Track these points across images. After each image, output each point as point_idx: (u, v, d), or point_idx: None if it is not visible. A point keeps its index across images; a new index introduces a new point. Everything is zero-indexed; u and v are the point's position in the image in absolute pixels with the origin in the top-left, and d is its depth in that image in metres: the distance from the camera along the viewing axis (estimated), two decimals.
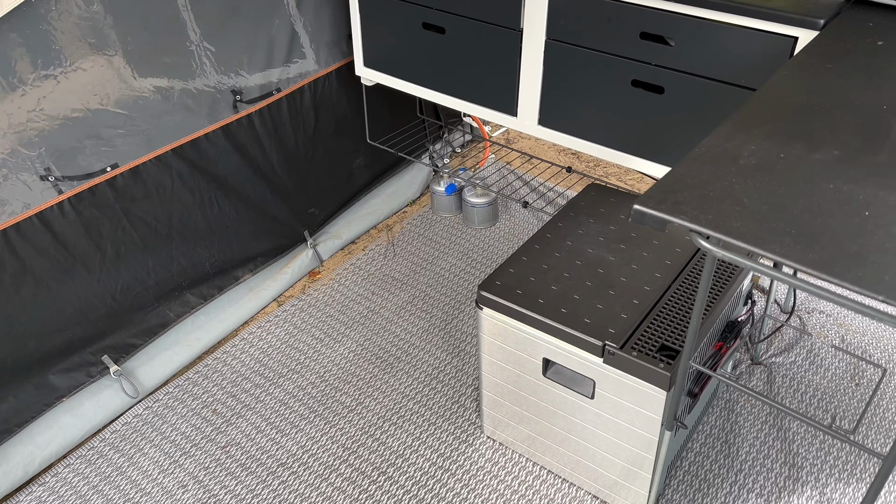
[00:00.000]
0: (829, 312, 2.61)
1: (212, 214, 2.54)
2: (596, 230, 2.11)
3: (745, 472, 2.10)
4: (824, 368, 2.41)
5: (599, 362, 1.78)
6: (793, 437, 2.18)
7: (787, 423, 2.23)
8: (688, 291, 1.89)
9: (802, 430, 2.20)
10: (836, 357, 2.44)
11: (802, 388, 2.34)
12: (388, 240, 3.09)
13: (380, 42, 2.67)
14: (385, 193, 3.24)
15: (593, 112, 2.24)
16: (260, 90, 2.59)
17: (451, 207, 3.20)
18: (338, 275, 2.91)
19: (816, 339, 2.51)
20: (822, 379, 2.37)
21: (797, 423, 2.22)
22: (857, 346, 2.48)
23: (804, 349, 2.47)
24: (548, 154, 3.61)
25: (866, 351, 2.46)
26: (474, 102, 2.53)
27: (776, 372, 2.39)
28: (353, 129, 3.02)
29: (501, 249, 2.99)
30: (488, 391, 2.13)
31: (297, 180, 2.83)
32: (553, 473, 2.13)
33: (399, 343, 2.58)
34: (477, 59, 2.42)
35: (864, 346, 2.48)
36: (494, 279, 1.95)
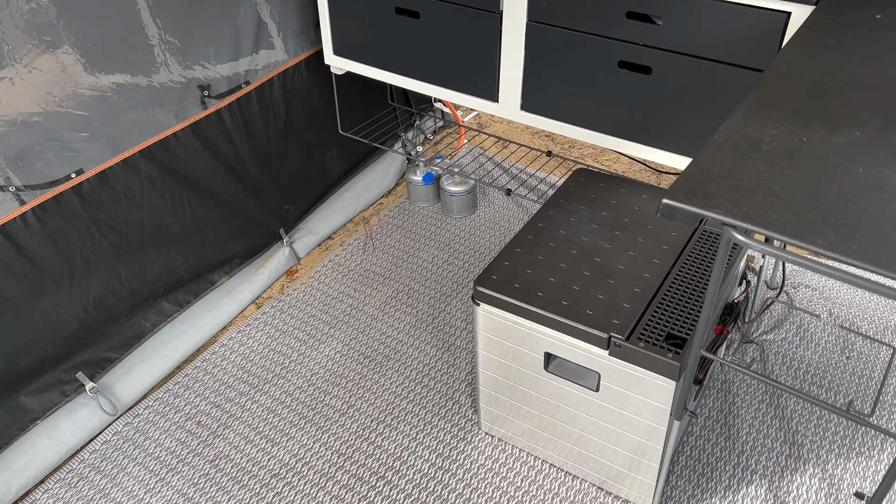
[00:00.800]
0: (814, 286, 2.61)
1: (184, 217, 2.42)
2: (588, 217, 2.06)
3: (746, 453, 2.09)
4: (815, 343, 2.41)
5: (604, 355, 1.73)
6: (790, 415, 2.18)
7: (784, 401, 2.22)
8: (688, 276, 1.85)
9: (800, 407, 2.20)
10: (826, 331, 2.45)
11: (795, 364, 2.34)
12: (365, 233, 3.00)
13: (350, 29, 2.56)
14: (359, 185, 3.15)
15: (579, 95, 2.18)
16: (228, 84, 2.47)
17: (429, 197, 3.12)
18: (316, 272, 2.82)
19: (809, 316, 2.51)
20: (812, 354, 2.38)
21: (794, 401, 2.22)
22: (844, 319, 2.48)
23: (794, 325, 2.47)
24: (522, 137, 3.55)
25: (854, 323, 2.47)
26: (453, 89, 2.45)
27: (768, 349, 2.39)
28: (325, 120, 2.91)
29: (483, 238, 2.93)
30: (485, 387, 2.08)
31: (270, 176, 2.72)
32: (555, 467, 2.09)
33: (386, 341, 2.51)
34: (454, 44, 2.34)
35: (851, 318, 2.49)
36: (490, 273, 1.89)
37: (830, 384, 2.27)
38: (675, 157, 2.11)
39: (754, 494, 1.99)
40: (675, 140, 2.08)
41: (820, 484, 2.00)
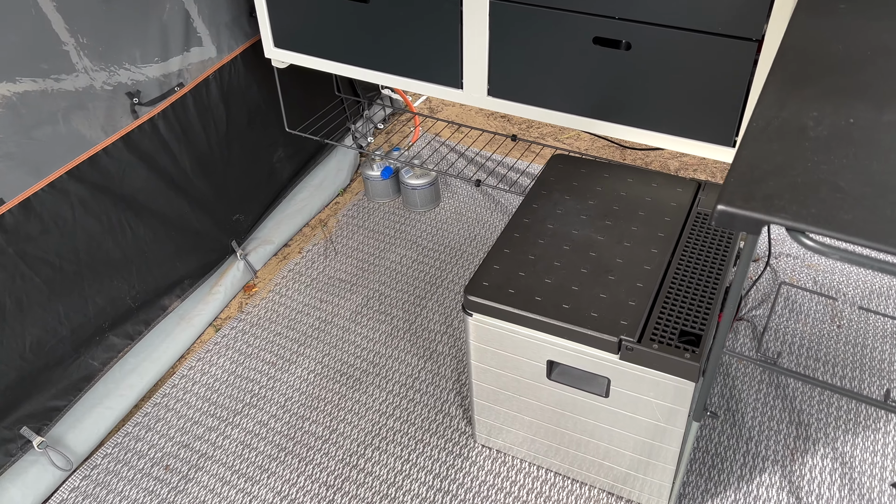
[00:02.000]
0: (795, 255, 2.55)
1: (125, 240, 2.18)
2: (575, 208, 1.92)
3: (755, 439, 2.01)
4: (804, 315, 2.35)
5: (615, 359, 1.60)
6: (794, 395, 2.11)
7: (784, 380, 2.15)
8: (690, 264, 1.74)
9: (801, 384, 2.13)
10: (813, 300, 2.39)
11: (789, 338, 2.27)
12: (324, 237, 2.80)
13: (291, 18, 2.34)
14: (312, 185, 2.93)
15: (551, 77, 2.03)
16: (160, 88, 2.22)
17: (388, 192, 2.93)
18: (276, 285, 2.60)
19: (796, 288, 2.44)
20: (804, 326, 2.31)
21: (794, 379, 2.15)
22: (830, 286, 2.43)
23: (781, 297, 2.40)
24: (477, 120, 3.39)
25: (840, 290, 2.42)
26: (411, 77, 2.26)
27: (759, 325, 2.31)
28: (269, 118, 2.68)
29: (452, 232, 2.76)
30: (480, 399, 1.93)
31: (215, 186, 2.49)
32: (560, 475, 1.96)
33: (362, 354, 2.33)
34: (410, 28, 2.15)
35: (836, 284, 2.44)
36: (480, 280, 1.73)
37: (827, 356, 2.21)
38: (658, 135, 1.99)
39: (769, 482, 1.91)
40: (657, 118, 1.96)
41: (833, 464, 1.94)
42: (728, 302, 1.39)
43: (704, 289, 1.67)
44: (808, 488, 1.89)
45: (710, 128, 1.91)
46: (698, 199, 1.92)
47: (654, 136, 2.00)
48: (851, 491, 1.88)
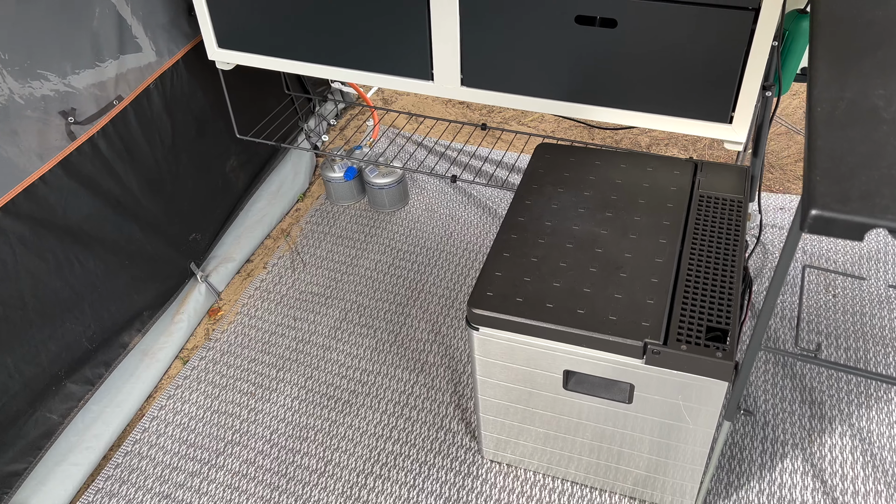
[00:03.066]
0: (781, 226, 2.49)
1: (74, 277, 1.95)
2: (571, 201, 1.80)
3: (770, 423, 1.94)
4: (794, 286, 2.29)
5: (639, 364, 1.49)
6: (802, 373, 2.05)
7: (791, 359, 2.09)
8: (703, 252, 1.63)
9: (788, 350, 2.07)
10: (805, 272, 2.34)
11: (787, 312, 2.21)
12: (289, 248, 2.61)
13: (236, 15, 2.13)
14: (269, 193, 2.73)
15: (530, 62, 1.89)
16: (96, 103, 1.99)
17: (353, 193, 2.75)
18: (244, 306, 2.41)
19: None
20: (797, 297, 2.26)
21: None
22: (818, 255, 2.38)
23: (772, 269, 2.34)
24: (435, 109, 3.23)
25: (830, 259, 2.37)
26: (375, 71, 2.09)
27: (755, 301, 2.25)
28: (217, 126, 2.47)
29: (426, 232, 2.61)
30: (487, 414, 1.80)
31: (166, 205, 2.27)
32: (577, 484, 1.86)
33: (348, 373, 2.17)
34: (371, 17, 1.97)
35: (825, 252, 2.39)
36: (484, 290, 1.59)
37: (828, 328, 2.16)
38: (650, 116, 1.88)
39: (791, 468, 1.84)
40: (648, 98, 1.84)
41: (852, 442, 1.88)
42: (768, 296, 1.29)
43: (723, 279, 1.57)
44: (830, 469, 1.84)
45: (706, 105, 1.80)
46: (698, 181, 1.82)
47: (646, 118, 1.88)
48: (875, 468, 1.83)
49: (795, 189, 2.64)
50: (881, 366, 2.04)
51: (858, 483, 1.80)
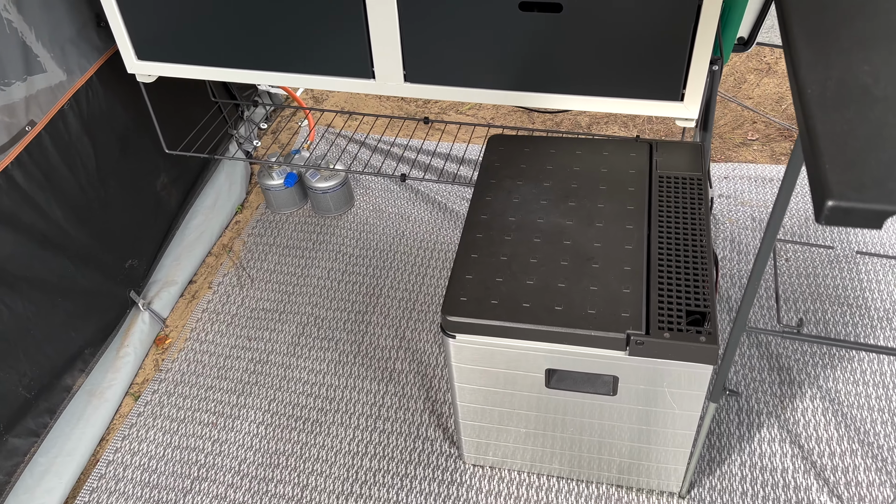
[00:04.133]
0: (728, 195, 2.52)
1: (2, 323, 1.79)
2: (532, 193, 1.75)
3: (744, 394, 1.96)
4: (751, 255, 2.32)
5: (622, 356, 1.46)
6: (767, 341, 2.08)
7: (754, 326, 2.11)
8: (671, 234, 1.61)
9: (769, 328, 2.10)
10: (755, 237, 2.37)
11: (743, 281, 2.24)
12: (233, 263, 2.48)
13: (154, 23, 1.98)
14: (205, 208, 2.59)
15: (477, 53, 1.82)
16: (7, 132, 1.82)
17: (294, 200, 2.64)
18: (192, 331, 2.28)
19: (734, 226, 2.41)
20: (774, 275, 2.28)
21: (762, 325, 2.12)
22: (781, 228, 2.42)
23: (727, 240, 2.37)
24: (369, 104, 3.13)
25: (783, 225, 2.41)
26: (312, 73, 1.98)
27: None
28: (142, 143, 2.31)
29: (376, 234, 2.52)
30: (467, 420, 1.75)
31: (97, 233, 2.11)
32: (563, 479, 1.83)
33: (313, 390, 2.08)
34: (303, 17, 1.86)
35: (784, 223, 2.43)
36: (456, 295, 1.53)
37: (786, 295, 2.19)
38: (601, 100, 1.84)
39: (769, 437, 1.87)
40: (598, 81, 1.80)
41: (823, 404, 1.92)
42: (752, 278, 1.28)
43: (694, 260, 1.55)
44: (805, 434, 1.87)
45: (657, 84, 1.78)
46: (655, 162, 1.80)
47: (597, 101, 1.85)
48: (847, 427, 1.87)
49: (736, 157, 2.67)
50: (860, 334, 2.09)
51: (834, 444, 1.84)
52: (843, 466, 1.79)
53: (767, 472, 1.80)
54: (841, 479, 1.77)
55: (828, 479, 1.77)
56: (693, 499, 1.77)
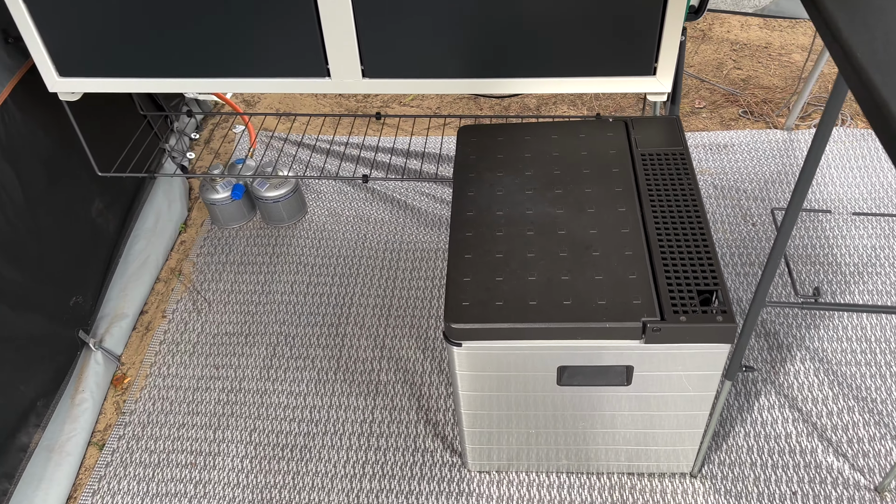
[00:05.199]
0: None
1: None
2: (515, 184, 1.67)
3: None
4: (720, 222, 2.33)
5: (638, 345, 1.41)
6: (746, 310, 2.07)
7: (738, 294, 2.11)
8: (665, 213, 1.57)
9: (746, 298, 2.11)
10: (721, 206, 2.37)
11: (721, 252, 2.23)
12: (185, 288, 2.30)
13: (76, 34, 1.78)
14: (146, 231, 2.39)
15: (439, 40, 1.72)
16: None
17: (243, 212, 2.47)
18: (152, 366, 2.10)
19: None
20: (724, 233, 2.29)
21: (748, 293, 2.12)
22: (726, 186, 2.43)
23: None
24: (305, 103, 2.98)
25: (737, 185, 2.43)
26: (257, 76, 1.83)
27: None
28: (71, 167, 2.11)
29: (335, 239, 2.39)
30: (474, 427, 1.66)
31: (33, 272, 1.91)
32: (574, 473, 1.77)
33: (296, 414, 1.95)
34: (246, 15, 1.72)
35: (732, 182, 2.44)
36: (458, 301, 1.44)
37: (756, 257, 2.20)
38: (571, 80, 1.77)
39: (769, 404, 1.86)
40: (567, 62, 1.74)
41: (813, 364, 1.93)
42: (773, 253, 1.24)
43: (694, 237, 1.51)
44: (801, 396, 1.87)
45: (628, 60, 1.72)
46: (634, 140, 1.76)
47: (568, 83, 1.78)
48: (839, 384, 1.89)
49: (687, 126, 2.67)
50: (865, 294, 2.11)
51: (830, 403, 1.85)
52: (842, 425, 1.81)
53: (773, 440, 1.79)
54: (843, 437, 1.78)
55: (830, 440, 1.78)
56: (705, 476, 1.75)
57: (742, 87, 2.81)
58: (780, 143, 2.56)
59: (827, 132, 1.06)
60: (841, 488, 1.69)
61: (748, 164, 2.50)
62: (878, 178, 2.40)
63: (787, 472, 1.73)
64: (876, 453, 1.75)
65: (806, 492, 1.70)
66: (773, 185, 2.42)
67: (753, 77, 2.85)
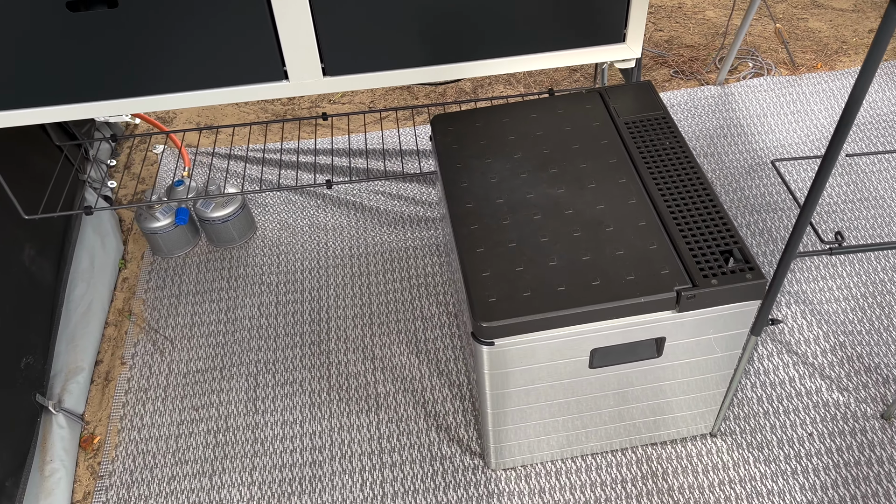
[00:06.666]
0: None
1: None
2: (507, 168, 1.61)
3: None
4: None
5: (671, 315, 1.38)
6: None
7: None
8: (665, 178, 1.55)
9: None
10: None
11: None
12: (140, 328, 2.10)
13: None
14: (83, 273, 2.17)
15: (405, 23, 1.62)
16: None
17: (188, 238, 2.28)
18: (122, 419, 1.90)
19: None
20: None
21: None
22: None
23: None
24: (228, 112, 2.79)
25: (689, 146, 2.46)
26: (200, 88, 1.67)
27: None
28: None
29: (297, 252, 2.25)
30: (499, 426, 1.60)
31: None
32: (599, 454, 1.75)
33: (296, 444, 1.81)
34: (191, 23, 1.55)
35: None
36: (484, 298, 1.36)
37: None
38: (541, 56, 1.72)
39: (766, 352, 1.90)
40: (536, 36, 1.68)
41: (799, 307, 1.99)
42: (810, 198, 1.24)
43: (700, 198, 1.50)
44: (794, 339, 1.92)
45: (598, 28, 1.69)
46: (613, 109, 1.73)
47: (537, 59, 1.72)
48: (827, 322, 1.95)
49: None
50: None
51: (822, 342, 1.91)
52: (837, 361, 1.87)
53: (778, 387, 1.83)
54: (841, 372, 1.84)
55: (831, 377, 1.84)
56: (725, 433, 1.76)
57: (667, 48, 2.86)
58: (715, 98, 2.62)
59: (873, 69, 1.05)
60: (851, 421, 1.75)
61: (690, 123, 2.54)
62: (812, 122, 2.50)
63: (798, 415, 1.77)
64: (874, 382, 1.82)
65: (821, 431, 1.74)
66: (720, 139, 2.47)
67: (676, 37, 2.91)
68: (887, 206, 2.21)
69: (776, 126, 2.50)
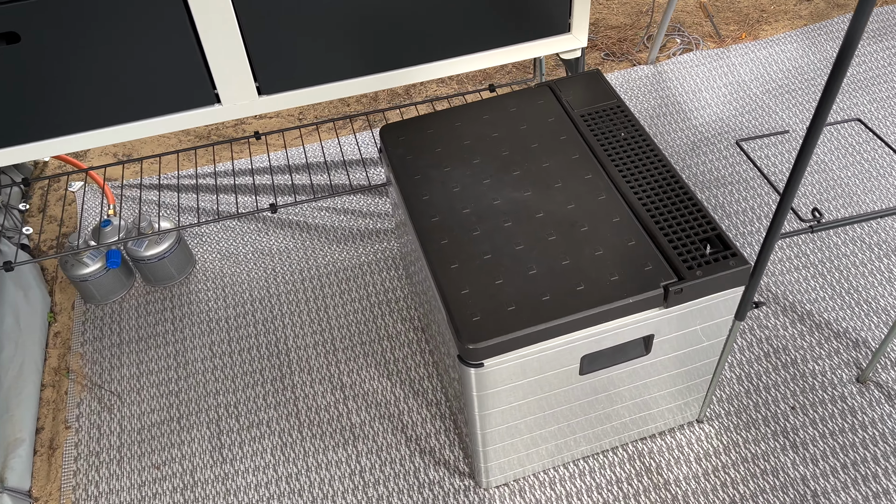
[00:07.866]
0: None
1: None
2: (467, 175, 1.53)
3: None
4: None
5: (659, 311, 1.34)
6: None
7: None
8: (631, 169, 1.50)
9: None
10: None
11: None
12: (82, 386, 1.93)
13: None
14: (8, 333, 1.97)
15: (339, 33, 1.52)
16: None
17: (122, 281, 2.11)
18: (74, 490, 1.73)
19: None
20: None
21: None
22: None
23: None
24: (146, 142, 2.60)
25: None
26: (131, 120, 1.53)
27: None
28: None
29: (244, 283, 2.11)
30: (490, 445, 1.52)
31: None
32: (589, 457, 1.70)
33: (273, 490, 1.69)
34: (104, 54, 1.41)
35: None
36: (467, 318, 1.28)
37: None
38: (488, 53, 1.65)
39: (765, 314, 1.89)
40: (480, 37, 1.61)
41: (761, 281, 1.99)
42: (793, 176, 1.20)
43: (670, 186, 1.46)
44: (762, 314, 1.92)
45: (544, 20, 1.63)
46: (566, 102, 1.67)
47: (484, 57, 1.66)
48: (785, 294, 1.96)
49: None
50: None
51: (789, 312, 1.92)
52: (806, 330, 1.88)
53: (755, 363, 1.82)
54: (812, 341, 1.86)
55: (803, 346, 1.84)
56: (711, 418, 1.74)
57: (594, 30, 2.83)
58: (650, 78, 2.61)
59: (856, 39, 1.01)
60: (830, 389, 1.76)
61: (630, 105, 2.52)
62: (746, 93, 2.52)
63: (779, 390, 1.77)
64: (845, 347, 1.83)
65: (802, 402, 1.74)
66: (660, 118, 2.46)
67: (601, 19, 2.89)
68: (829, 172, 2.25)
69: (712, 101, 2.51)
